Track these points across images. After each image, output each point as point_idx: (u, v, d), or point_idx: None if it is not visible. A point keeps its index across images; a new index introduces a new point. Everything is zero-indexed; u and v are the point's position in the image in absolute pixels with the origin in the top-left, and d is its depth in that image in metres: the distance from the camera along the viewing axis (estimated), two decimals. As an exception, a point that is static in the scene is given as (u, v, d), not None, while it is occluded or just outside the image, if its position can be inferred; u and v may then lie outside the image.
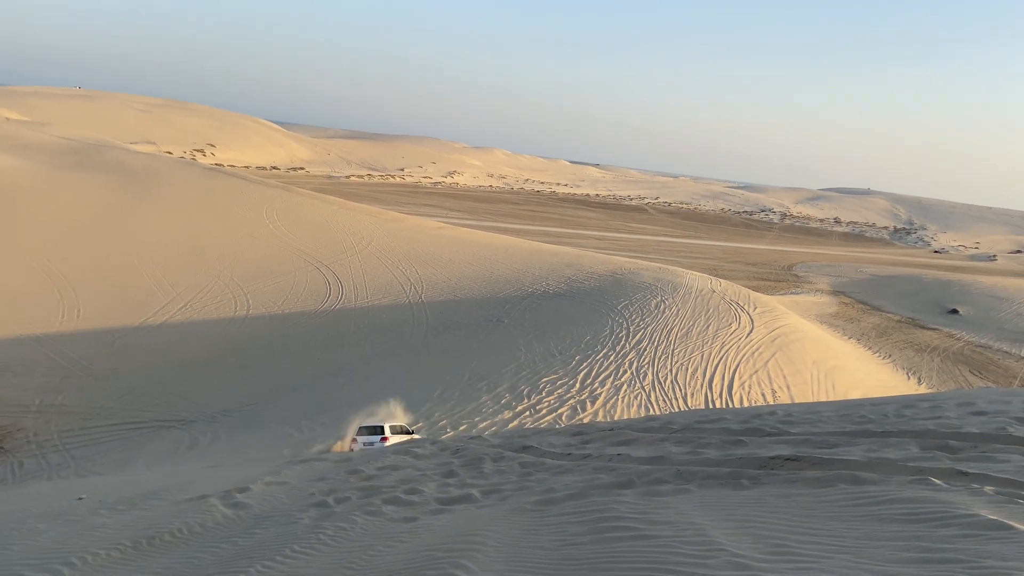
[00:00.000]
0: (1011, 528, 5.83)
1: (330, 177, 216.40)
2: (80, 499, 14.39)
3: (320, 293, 61.22)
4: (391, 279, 64.86)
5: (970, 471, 7.94)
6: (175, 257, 65.26)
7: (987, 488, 7.24)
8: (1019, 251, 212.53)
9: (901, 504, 7.03)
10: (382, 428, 29.80)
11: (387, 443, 28.45)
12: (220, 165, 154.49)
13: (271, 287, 61.38)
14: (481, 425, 35.77)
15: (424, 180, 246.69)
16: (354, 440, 29.61)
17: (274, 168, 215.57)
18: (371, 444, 28.40)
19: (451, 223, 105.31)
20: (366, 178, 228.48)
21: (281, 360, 49.85)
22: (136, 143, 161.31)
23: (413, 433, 31.60)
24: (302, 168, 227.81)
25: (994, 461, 8.47)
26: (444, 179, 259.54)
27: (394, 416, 33.57)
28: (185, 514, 11.57)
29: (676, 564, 6.17)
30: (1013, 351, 75.59)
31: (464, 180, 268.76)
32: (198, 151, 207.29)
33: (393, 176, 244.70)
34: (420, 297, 60.82)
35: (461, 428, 35.32)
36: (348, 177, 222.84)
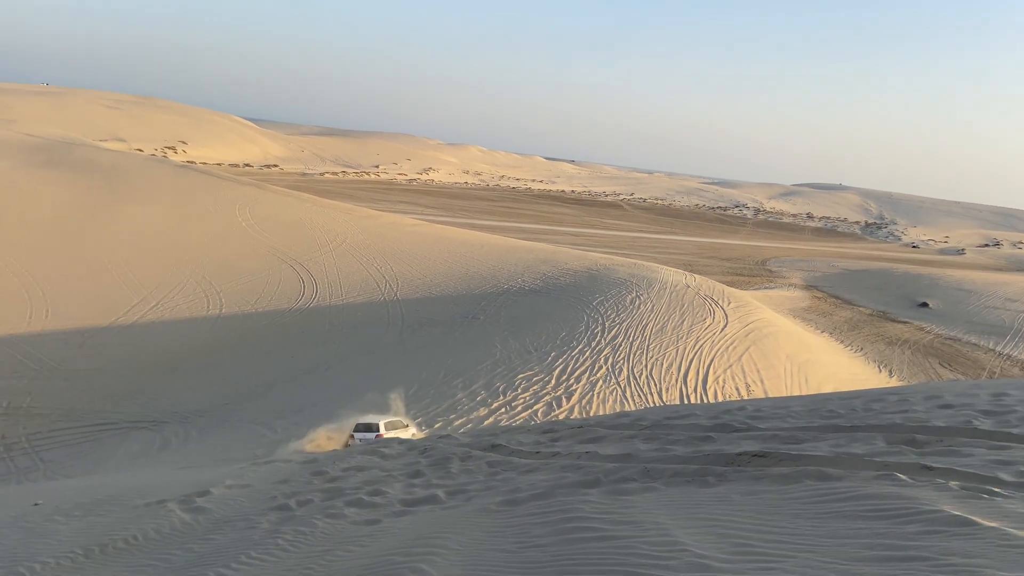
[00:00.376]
0: (975, 524, 5.75)
1: (304, 174, 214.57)
2: (36, 505, 13.97)
3: (294, 291, 60.63)
4: (366, 277, 64.39)
5: (935, 466, 7.89)
6: (146, 256, 64.25)
7: (952, 483, 7.17)
8: (987, 245, 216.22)
9: (866, 500, 6.93)
10: (377, 425, 29.32)
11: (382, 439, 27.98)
12: (192, 163, 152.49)
13: (244, 285, 60.68)
14: (456, 423, 35.59)
15: (399, 177, 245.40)
16: (351, 436, 29.42)
17: (247, 165, 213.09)
18: (367, 440, 27.73)
19: (426, 220, 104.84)
20: (340, 175, 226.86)
21: (255, 359, 49.29)
22: (105, 140, 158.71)
23: (409, 427, 31.23)
24: (276, 165, 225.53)
25: (959, 455, 8.43)
26: (419, 176, 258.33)
27: (395, 410, 33.34)
28: (141, 520, 11.25)
29: (637, 566, 6.02)
30: (982, 343, 76.79)
31: (439, 177, 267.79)
32: (169, 148, 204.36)
33: (368, 173, 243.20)
34: (395, 294, 60.45)
35: (436, 426, 35.09)
36: (322, 174, 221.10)
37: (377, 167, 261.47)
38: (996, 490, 6.80)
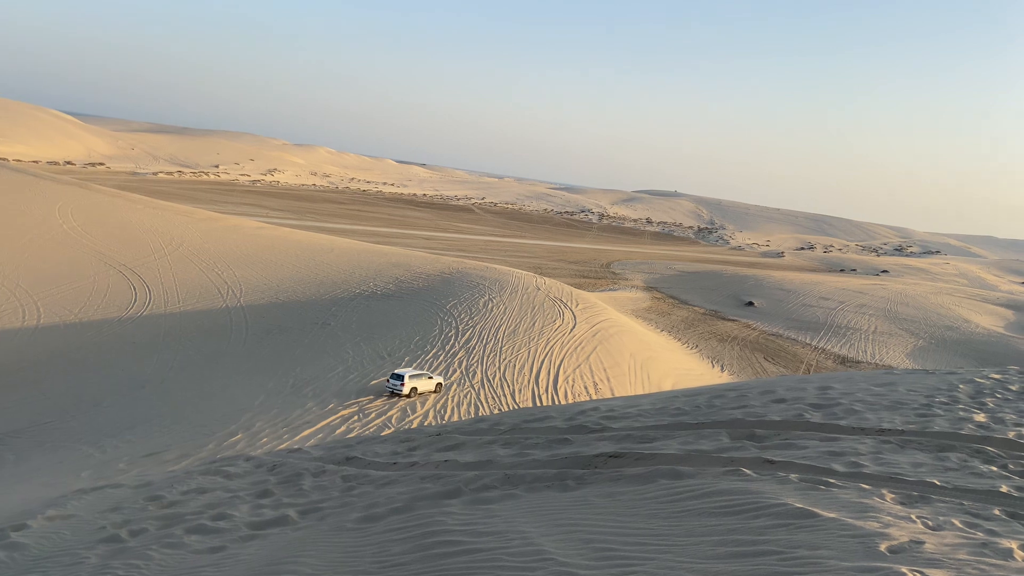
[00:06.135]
0: (816, 515, 6.09)
1: (135, 174, 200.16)
2: None
3: (124, 299, 56.21)
4: (206, 282, 60.83)
5: (776, 459, 8.37)
6: (-56, 261, 57.33)
7: (792, 476, 7.61)
8: (803, 248, 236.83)
9: (716, 497, 7.21)
10: (402, 376, 38.86)
11: (405, 388, 38.77)
12: (3, 160, 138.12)
13: (66, 293, 55.56)
14: (306, 432, 34.35)
15: (241, 178, 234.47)
16: (387, 380, 39.68)
17: (68, 163, 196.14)
18: (395, 387, 38.97)
19: (272, 223, 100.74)
20: (176, 175, 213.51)
21: (79, 373, 45.19)
22: None
23: (433, 378, 40.19)
24: (102, 163, 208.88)
25: (796, 448, 9.00)
26: (264, 177, 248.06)
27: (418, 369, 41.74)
28: (-58, 564, 9.85)
29: (502, 580, 5.92)
30: (800, 338, 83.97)
31: (286, 178, 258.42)
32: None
33: (207, 173, 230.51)
34: (239, 300, 57.51)
35: (284, 438, 33.69)
36: (155, 174, 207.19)
37: (217, 167, 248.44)
38: (831, 481, 7.30)
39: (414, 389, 39.49)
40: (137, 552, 9.18)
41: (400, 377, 38.97)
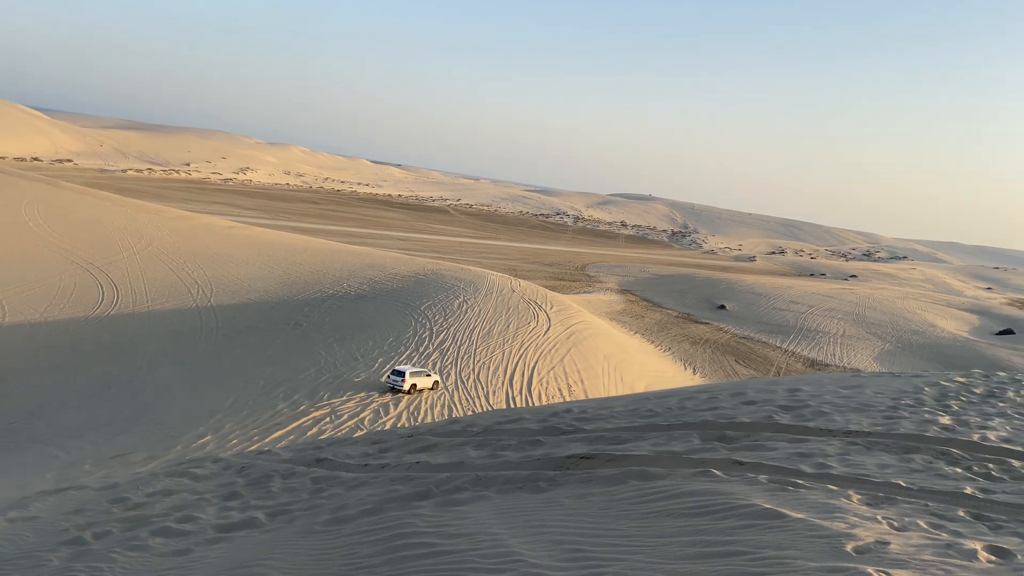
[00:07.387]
0: (784, 516, 6.15)
1: (103, 171, 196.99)
2: None
3: (91, 298, 55.27)
4: (175, 281, 60.02)
5: (745, 460, 8.43)
6: (-96, 258, 55.98)
7: (761, 477, 7.68)
8: (774, 252, 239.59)
9: (686, 498, 7.25)
10: (403, 372, 40.01)
11: (405, 384, 39.79)
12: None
13: (32, 292, 54.51)
14: (277, 434, 34.01)
15: (213, 176, 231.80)
16: (387, 377, 40.72)
17: (35, 159, 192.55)
18: (396, 383, 39.87)
19: (244, 222, 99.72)
20: (146, 173, 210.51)
21: (44, 373, 44.35)
22: None
23: (432, 375, 41.50)
24: (70, 160, 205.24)
25: (765, 449, 9.08)
26: (236, 176, 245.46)
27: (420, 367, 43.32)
28: (-103, 568, 9.58)
29: (472, 581, 5.89)
30: (771, 342, 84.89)
31: (258, 177, 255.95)
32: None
33: (178, 171, 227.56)
34: (209, 300, 56.83)
35: (254, 440, 33.33)
36: (125, 171, 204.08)
37: (188, 165, 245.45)
38: (799, 482, 7.38)
39: (414, 386, 40.56)
40: (100, 555, 9.01)
41: (401, 374, 40.14)
